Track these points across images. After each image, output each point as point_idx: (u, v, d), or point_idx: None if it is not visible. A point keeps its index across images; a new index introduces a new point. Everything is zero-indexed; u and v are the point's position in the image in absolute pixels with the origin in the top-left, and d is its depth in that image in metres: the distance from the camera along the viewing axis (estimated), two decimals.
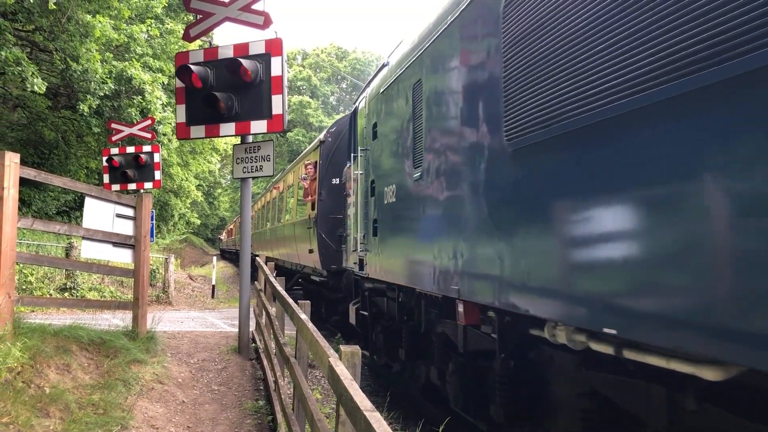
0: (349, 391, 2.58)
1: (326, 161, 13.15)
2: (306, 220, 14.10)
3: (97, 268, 9.40)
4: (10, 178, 6.12)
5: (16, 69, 13.52)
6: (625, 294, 3.21)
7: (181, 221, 36.76)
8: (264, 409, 7.35)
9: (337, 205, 12.30)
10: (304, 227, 14.31)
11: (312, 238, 13.30)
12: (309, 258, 13.96)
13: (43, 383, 5.65)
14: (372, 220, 8.48)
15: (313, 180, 13.58)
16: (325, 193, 12.85)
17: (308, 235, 13.80)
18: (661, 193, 2.95)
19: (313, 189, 13.46)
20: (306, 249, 14.24)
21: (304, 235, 14.37)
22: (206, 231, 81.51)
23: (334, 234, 12.20)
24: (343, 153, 12.40)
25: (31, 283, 15.23)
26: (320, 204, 12.84)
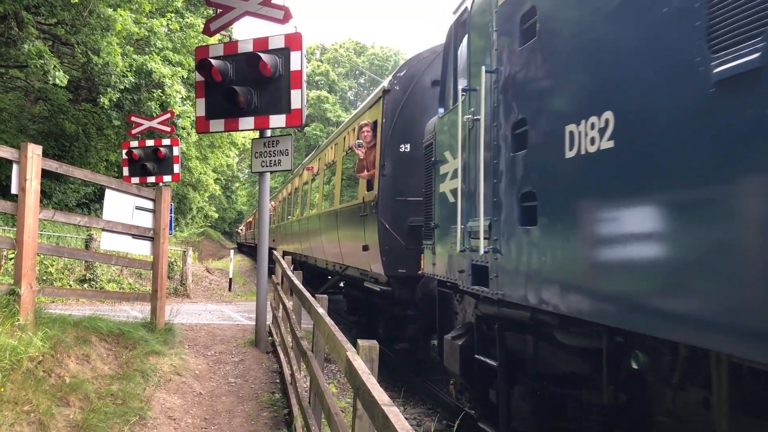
0: (367, 385, 2.58)
1: (391, 120, 9.43)
2: (357, 206, 10.49)
3: (117, 259, 9.49)
4: (32, 169, 6.19)
5: (38, 62, 13.64)
6: None
7: (199, 214, 36.99)
8: (280, 402, 7.39)
9: (406, 182, 9.17)
10: (354, 215, 10.74)
11: (367, 229, 9.86)
12: (360, 257, 10.39)
13: (63, 373, 5.72)
14: (517, 196, 4.72)
15: (371, 148, 9.93)
16: (390, 166, 9.29)
17: (360, 225, 10.25)
18: None
19: (371, 160, 9.86)
20: (355, 245, 10.74)
21: (353, 226, 10.89)
22: (224, 224, 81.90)
23: (403, 224, 9.14)
24: (417, 107, 9.34)
25: (51, 274, 15.40)
26: (383, 181, 9.25)
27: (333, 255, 13.34)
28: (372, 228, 9.50)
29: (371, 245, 9.61)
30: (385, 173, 9.25)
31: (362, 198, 10.16)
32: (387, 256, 9.13)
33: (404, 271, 8.95)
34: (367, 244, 9.79)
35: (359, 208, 10.33)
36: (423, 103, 9.27)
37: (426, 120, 8.31)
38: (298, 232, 19.40)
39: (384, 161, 9.29)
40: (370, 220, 9.67)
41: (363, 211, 10.07)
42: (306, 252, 17.73)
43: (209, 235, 66.64)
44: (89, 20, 15.42)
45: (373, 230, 9.39)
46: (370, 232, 9.62)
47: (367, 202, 9.86)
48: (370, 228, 9.68)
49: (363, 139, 10.05)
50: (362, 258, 10.29)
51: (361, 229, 10.24)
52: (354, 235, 10.90)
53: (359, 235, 10.35)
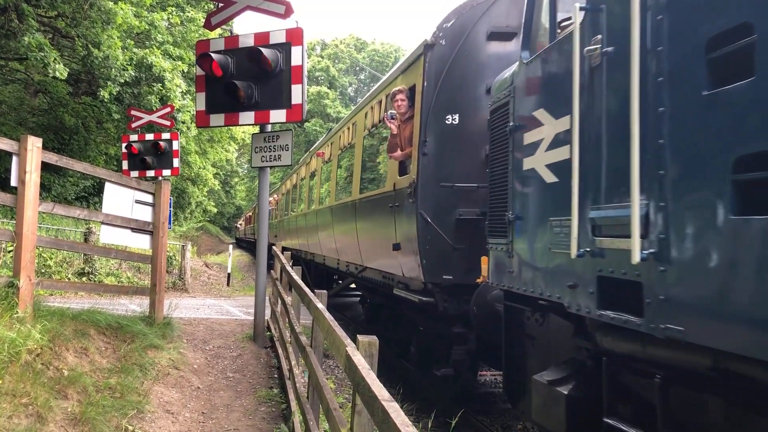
0: (367, 381, 2.58)
1: (435, 84, 7.37)
2: (385, 195, 8.62)
3: (116, 253, 9.48)
4: (32, 162, 6.19)
5: (38, 54, 13.63)
6: None
7: (198, 209, 37.01)
8: (278, 397, 7.39)
9: (454, 163, 7.32)
10: (380, 207, 8.89)
11: (399, 224, 8.00)
12: (387, 258, 8.75)
13: (62, 366, 5.72)
14: (724, 162, 2.83)
15: (406, 120, 7.89)
16: (434, 143, 7.32)
17: (389, 219, 8.41)
18: None
19: (406, 136, 7.87)
20: (380, 243, 8.98)
21: (379, 219, 9.03)
22: (222, 219, 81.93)
23: (449, 217, 7.23)
24: (470, 67, 7.41)
25: (50, 267, 15.39)
26: (424, 162, 7.30)
27: (347, 254, 11.58)
28: (407, 222, 7.65)
29: (405, 243, 7.77)
30: (426, 152, 7.27)
31: (393, 185, 8.22)
32: (428, 257, 7.18)
33: (450, 278, 7.07)
34: (399, 242, 7.95)
35: (388, 198, 8.45)
36: (477, 62, 7.44)
37: (481, 84, 7.18)
38: (304, 228, 17.49)
39: (425, 137, 7.25)
40: (404, 213, 7.77)
41: (394, 201, 8.14)
42: (313, 249, 16.00)
43: (208, 229, 66.64)
44: (90, 13, 15.40)
45: (409, 225, 7.54)
46: (404, 227, 7.78)
47: (400, 190, 7.91)
48: (403, 222, 7.82)
49: (396, 109, 7.97)
50: (390, 259, 8.56)
51: (389, 224, 8.36)
52: (379, 231, 9.04)
53: (387, 230, 8.49)
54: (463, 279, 6.94)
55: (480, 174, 6.92)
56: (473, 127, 7.20)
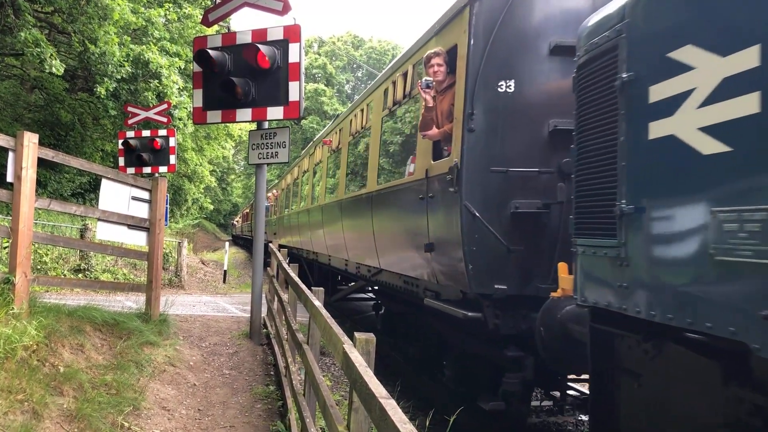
0: (364, 378, 2.57)
1: (485, 43, 5.89)
2: (413, 185, 7.16)
3: (112, 249, 9.46)
4: (28, 158, 6.17)
5: (35, 50, 13.56)
6: None
7: (194, 206, 36.92)
8: (274, 394, 7.39)
9: (509, 141, 5.86)
10: (406, 199, 7.49)
11: (433, 219, 6.53)
12: (415, 260, 7.33)
13: (58, 362, 5.71)
14: None
15: (444, 91, 6.43)
16: (483, 116, 5.85)
17: (418, 213, 6.95)
18: None
19: (444, 110, 6.40)
20: (404, 242, 7.68)
21: (404, 214, 7.67)
22: (219, 216, 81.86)
23: (503, 210, 5.79)
24: (530, 22, 5.98)
25: (45, 263, 15.36)
26: (470, 141, 5.84)
27: (359, 254, 10.20)
28: (445, 217, 6.21)
29: (442, 244, 6.32)
30: (472, 127, 5.74)
31: (425, 171, 6.73)
32: (476, 261, 5.70)
33: (503, 287, 5.63)
34: (432, 241, 6.51)
35: (418, 188, 6.98)
36: (538, 15, 6.01)
37: (543, 42, 5.89)
38: (307, 225, 15.91)
39: (471, 108, 5.73)
40: (440, 205, 6.34)
41: (426, 192, 6.69)
42: (317, 248, 14.46)
43: (204, 226, 66.59)
44: (86, 9, 15.33)
45: (448, 221, 6.08)
46: (441, 224, 6.33)
47: (435, 178, 6.46)
48: (439, 217, 6.39)
49: (432, 75, 6.42)
50: (417, 262, 7.24)
51: (419, 219, 6.92)
52: (403, 229, 7.69)
53: (415, 227, 7.09)
54: (519, 289, 5.66)
55: (542, 155, 5.76)
56: (533, 96, 5.84)
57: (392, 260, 8.41)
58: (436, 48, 6.59)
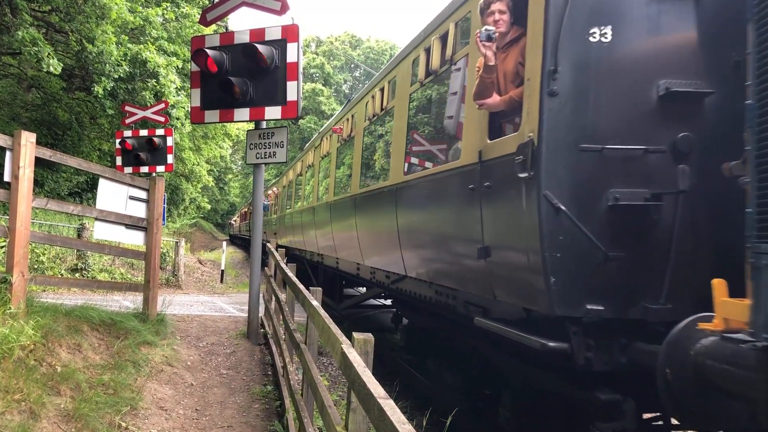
0: (363, 378, 2.57)
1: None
2: (464, 172, 5.56)
3: (109, 249, 9.45)
4: (26, 157, 6.16)
5: (32, 49, 13.53)
6: None
7: (191, 206, 36.88)
8: (272, 394, 7.38)
9: (605, 109, 4.26)
10: (452, 190, 5.93)
11: (494, 214, 5.08)
12: (458, 267, 5.98)
13: (55, 362, 5.70)
14: None
15: (510, 44, 5.08)
16: (570, 74, 4.23)
17: (470, 207, 5.44)
18: None
19: (510, 69, 5.04)
20: (449, 243, 6.19)
21: (447, 209, 6.15)
22: (216, 216, 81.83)
23: (597, 203, 4.22)
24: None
25: (42, 263, 15.32)
26: (551, 107, 4.21)
27: (378, 257, 8.81)
28: (510, 212, 4.75)
29: (505, 247, 4.89)
30: (555, 90, 4.20)
31: (477, 154, 5.19)
32: (561, 272, 4.16)
33: (600, 309, 4.13)
34: (489, 245, 5.03)
35: (465, 176, 5.46)
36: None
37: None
38: (311, 224, 14.42)
39: (554, 63, 4.18)
40: (503, 197, 4.86)
41: (480, 180, 5.13)
42: (323, 250, 13.12)
43: (201, 226, 66.55)
44: (84, 8, 15.31)
45: (517, 217, 4.58)
46: (504, 221, 4.88)
47: (493, 161, 4.96)
48: (501, 212, 4.92)
49: (494, 25, 4.92)
50: (462, 269, 5.80)
51: (467, 215, 5.43)
52: (441, 228, 6.24)
53: (460, 226, 5.65)
54: (620, 311, 4.15)
55: (650, 127, 4.22)
56: (638, 47, 4.30)
57: (422, 266, 6.91)
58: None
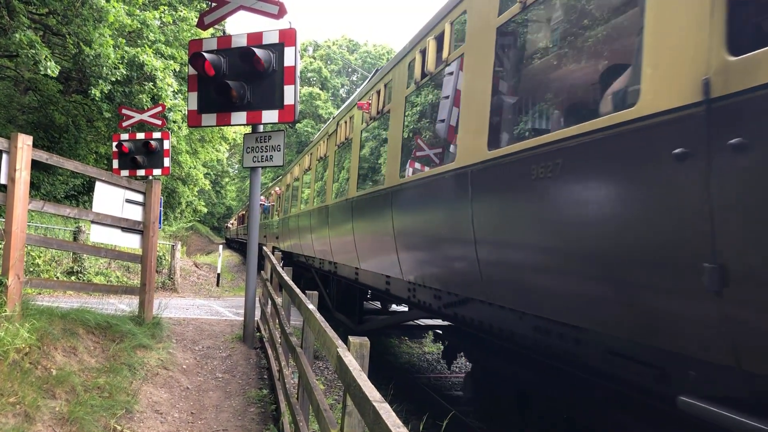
0: (358, 382, 2.58)
1: None
2: (660, 125, 3.04)
3: (106, 252, 9.43)
4: (22, 160, 6.15)
5: (29, 52, 13.54)
6: None
7: (188, 209, 36.84)
8: (268, 397, 7.37)
9: None
10: (620, 160, 3.37)
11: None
12: (615, 296, 3.51)
13: (50, 365, 5.69)
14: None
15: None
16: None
17: (682, 194, 2.93)
18: None
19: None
20: (598, 258, 3.64)
21: (607, 195, 3.52)
22: (212, 219, 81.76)
23: None
24: None
25: (38, 265, 15.30)
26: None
27: (426, 271, 6.59)
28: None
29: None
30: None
31: (701, 85, 2.83)
32: None
33: None
34: (734, 266, 2.73)
35: (660, 135, 3.11)
36: None
37: None
38: (321, 226, 12.25)
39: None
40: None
41: (713, 138, 2.78)
42: (339, 258, 10.81)
43: (198, 229, 66.46)
44: (81, 11, 15.31)
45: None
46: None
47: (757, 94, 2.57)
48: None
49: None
50: (615, 298, 3.55)
51: (665, 208, 3.09)
52: (580, 230, 3.80)
53: (647, 227, 3.22)
54: None
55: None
56: None
57: (525, 288, 4.57)
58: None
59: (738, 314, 2.73)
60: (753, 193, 2.59)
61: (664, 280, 3.10)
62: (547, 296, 4.21)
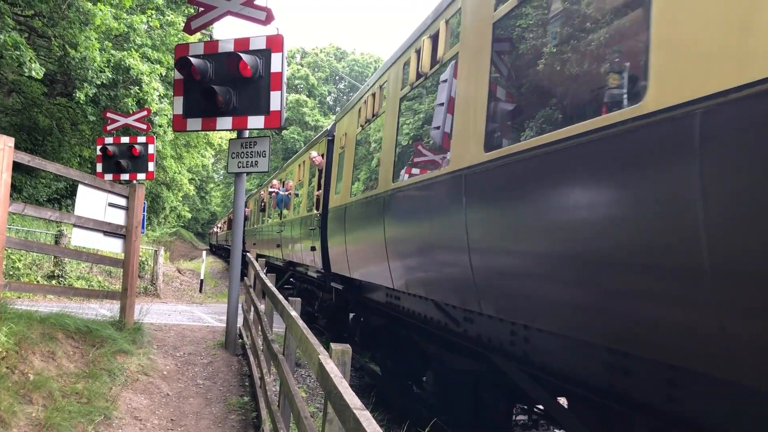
0: (339, 389, 2.56)
1: None
2: None
3: (87, 256, 9.34)
4: (3, 161, 6.08)
5: (14, 53, 13.44)
6: None
7: (172, 214, 36.69)
8: (249, 405, 7.32)
9: None
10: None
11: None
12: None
13: (28, 370, 5.61)
14: None
15: None
16: None
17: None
18: None
19: None
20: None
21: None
22: (196, 225, 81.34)
23: None
24: None
25: (18, 269, 15.12)
26: None
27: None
28: None
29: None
30: None
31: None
32: None
33: None
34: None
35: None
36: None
37: None
38: (363, 232, 8.33)
39: None
40: None
41: None
42: (373, 275, 7.88)
43: (182, 235, 66.01)
44: (68, 13, 15.24)
45: None
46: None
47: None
48: None
49: None
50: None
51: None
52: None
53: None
54: None
55: None
56: None
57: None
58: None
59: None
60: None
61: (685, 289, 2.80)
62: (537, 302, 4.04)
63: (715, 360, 2.68)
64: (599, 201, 3.33)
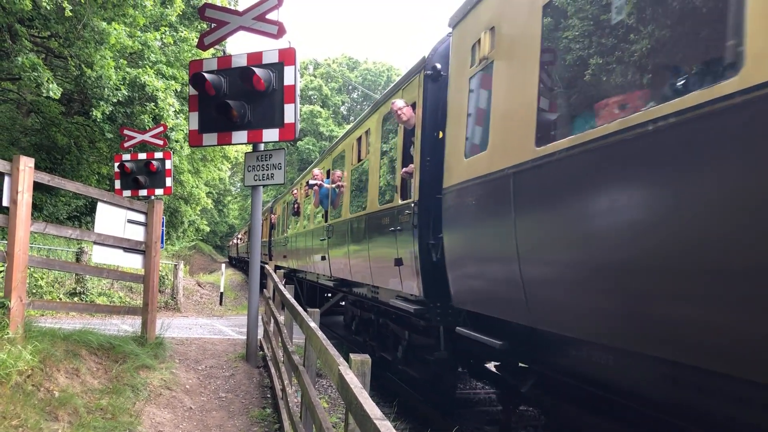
0: (359, 400, 2.57)
1: None
2: None
3: (108, 273, 9.44)
4: (24, 182, 6.18)
5: (32, 74, 13.65)
6: None
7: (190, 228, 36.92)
8: (271, 417, 7.34)
9: None
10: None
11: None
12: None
13: (53, 387, 5.68)
14: None
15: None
16: None
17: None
18: None
19: None
20: None
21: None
22: (215, 238, 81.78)
23: None
24: None
25: (41, 287, 15.29)
26: None
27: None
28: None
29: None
30: None
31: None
32: None
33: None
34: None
35: None
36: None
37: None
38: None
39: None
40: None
41: None
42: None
43: (200, 248, 66.42)
44: (83, 33, 15.45)
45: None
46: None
47: None
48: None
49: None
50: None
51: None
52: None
53: None
54: None
55: None
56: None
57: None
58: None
59: None
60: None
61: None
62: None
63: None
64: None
